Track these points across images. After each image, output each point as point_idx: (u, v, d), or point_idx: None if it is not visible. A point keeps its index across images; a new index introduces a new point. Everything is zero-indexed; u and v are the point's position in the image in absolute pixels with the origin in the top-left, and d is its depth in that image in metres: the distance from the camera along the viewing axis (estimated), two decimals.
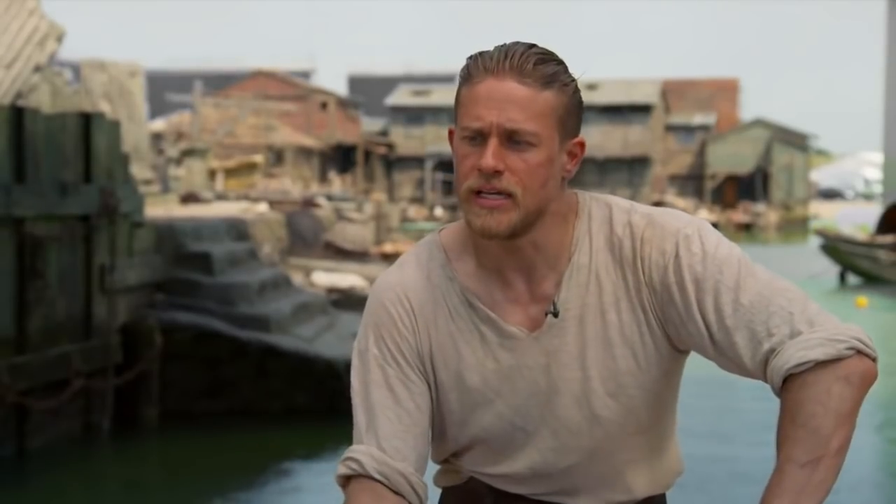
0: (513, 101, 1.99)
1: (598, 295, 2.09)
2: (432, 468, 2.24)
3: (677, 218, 2.10)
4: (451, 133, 2.09)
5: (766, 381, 2.00)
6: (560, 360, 2.10)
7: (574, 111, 2.05)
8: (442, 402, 2.15)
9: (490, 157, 1.98)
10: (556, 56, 2.05)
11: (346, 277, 19.89)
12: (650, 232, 2.08)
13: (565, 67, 2.04)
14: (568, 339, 2.09)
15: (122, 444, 11.51)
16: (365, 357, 2.15)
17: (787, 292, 2.02)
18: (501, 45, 2.03)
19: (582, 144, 2.08)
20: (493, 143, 1.99)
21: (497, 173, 1.99)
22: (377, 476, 2.08)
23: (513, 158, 2.00)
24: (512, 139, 2.00)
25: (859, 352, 1.95)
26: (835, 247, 30.52)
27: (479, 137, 2.01)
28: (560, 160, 2.05)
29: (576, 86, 2.05)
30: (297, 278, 17.93)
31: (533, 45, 2.03)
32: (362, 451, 2.10)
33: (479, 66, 2.02)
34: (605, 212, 2.12)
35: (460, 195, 2.04)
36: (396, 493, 2.08)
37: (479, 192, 2.01)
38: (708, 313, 2.02)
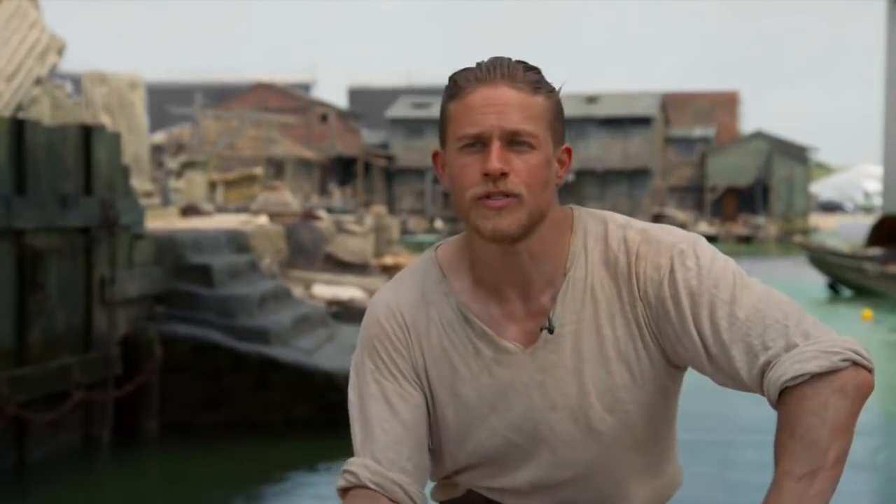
0: (510, 105, 2.02)
1: (593, 310, 2.10)
2: (431, 483, 2.26)
3: (672, 233, 2.12)
4: (435, 156, 2.12)
5: (762, 394, 2.01)
6: (556, 375, 2.11)
7: (560, 117, 2.09)
8: (439, 418, 2.16)
9: (495, 159, 2.00)
10: (536, 66, 2.09)
11: (347, 290, 19.87)
12: (645, 247, 2.10)
13: (544, 77, 2.09)
14: (563, 355, 2.10)
15: (122, 457, 11.50)
16: (361, 371, 2.17)
17: (783, 305, 2.02)
18: (483, 61, 2.07)
19: (569, 151, 2.12)
20: (496, 146, 2.02)
21: (503, 175, 2.01)
22: (373, 486, 2.09)
23: (515, 160, 2.02)
24: (513, 141, 2.02)
25: (855, 363, 1.95)
26: (823, 259, 30.66)
27: (478, 144, 2.03)
28: (554, 165, 2.08)
29: (558, 94, 2.09)
30: (298, 290, 17.92)
31: (510, 58, 2.07)
32: (358, 464, 2.12)
33: (468, 79, 2.05)
34: (601, 227, 2.14)
35: (464, 204, 2.04)
36: (393, 501, 2.09)
37: (484, 197, 2.02)
38: (704, 328, 2.03)
